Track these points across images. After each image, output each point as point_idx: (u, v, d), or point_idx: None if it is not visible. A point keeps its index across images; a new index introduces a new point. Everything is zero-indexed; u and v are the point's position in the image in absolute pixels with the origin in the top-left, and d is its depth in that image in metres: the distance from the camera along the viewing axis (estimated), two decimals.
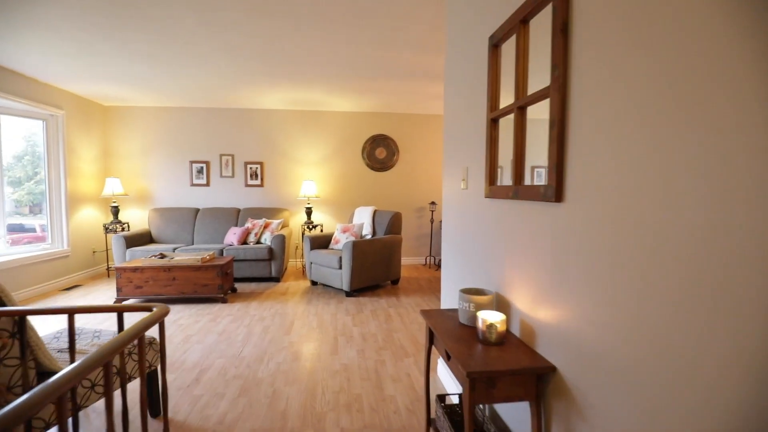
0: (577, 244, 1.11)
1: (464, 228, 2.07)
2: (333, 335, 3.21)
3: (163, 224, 5.45)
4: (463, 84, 2.10)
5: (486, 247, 1.76)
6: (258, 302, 4.14)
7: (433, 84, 4.57)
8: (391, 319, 3.64)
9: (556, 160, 1.17)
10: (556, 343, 1.22)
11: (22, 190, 4.70)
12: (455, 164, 2.24)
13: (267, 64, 3.91)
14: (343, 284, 4.36)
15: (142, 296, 3.98)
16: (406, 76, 4.27)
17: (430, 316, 1.72)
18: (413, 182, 6.27)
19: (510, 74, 1.55)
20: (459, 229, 2.16)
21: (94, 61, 3.82)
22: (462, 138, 2.11)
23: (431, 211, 6.10)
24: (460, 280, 2.15)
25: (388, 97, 5.23)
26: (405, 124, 6.18)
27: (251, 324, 3.46)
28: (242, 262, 4.91)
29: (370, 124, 6.12)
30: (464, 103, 2.08)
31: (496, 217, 1.66)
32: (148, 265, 3.96)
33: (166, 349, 2.91)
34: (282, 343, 3.04)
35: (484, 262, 1.79)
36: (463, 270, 2.09)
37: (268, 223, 5.33)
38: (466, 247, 2.03)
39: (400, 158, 6.22)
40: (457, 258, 2.21)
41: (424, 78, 4.35)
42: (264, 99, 5.34)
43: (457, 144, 2.19)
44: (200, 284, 4.03)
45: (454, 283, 2.27)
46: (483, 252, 1.80)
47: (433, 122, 6.22)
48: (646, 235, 0.85)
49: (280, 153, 5.97)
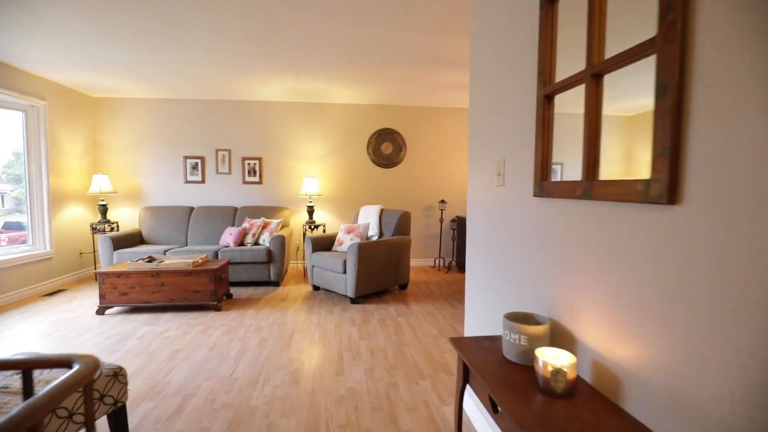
0: (702, 261, 0.74)
1: (499, 233, 1.70)
2: (337, 350, 2.86)
3: (155, 224, 5.10)
4: (498, 59, 1.73)
5: (535, 259, 1.39)
6: (255, 310, 3.78)
7: (448, 72, 4.19)
8: (401, 330, 3.28)
9: (670, 142, 0.80)
10: (661, 400, 0.85)
11: (22, 188, 4.40)
12: (485, 156, 1.87)
13: (264, 49, 3.54)
14: (347, 290, 4.00)
15: (128, 304, 3.63)
16: (418, 62, 3.89)
17: (463, 346, 1.36)
18: (421, 179, 5.90)
19: (570, 38, 1.18)
20: (491, 234, 1.80)
21: (73, 44, 3.45)
22: (496, 124, 1.74)
23: (441, 210, 5.73)
24: (494, 299, 1.79)
25: (395, 88, 4.86)
26: (413, 118, 5.80)
27: (246, 336, 3.10)
28: (239, 265, 4.55)
29: (376, 117, 5.75)
30: (499, 82, 1.71)
31: (551, 222, 1.29)
32: (134, 269, 3.61)
33: (149, 367, 2.56)
34: (280, 360, 2.69)
35: (531, 277, 1.43)
36: (498, 286, 1.72)
37: (267, 222, 4.97)
38: (503, 258, 1.67)
39: (407, 154, 5.84)
40: (488, 270, 1.85)
41: (437, 65, 3.97)
42: (262, 89, 4.97)
43: (489, 132, 1.83)
44: (191, 290, 3.68)
45: (484, 302, 1.90)
46: (530, 265, 1.43)
47: (443, 115, 5.84)
48: None
49: (280, 148, 5.61)
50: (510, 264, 1.59)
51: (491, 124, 1.80)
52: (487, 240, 1.85)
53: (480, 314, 1.95)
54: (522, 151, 1.50)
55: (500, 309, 1.69)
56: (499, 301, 1.70)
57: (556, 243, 1.26)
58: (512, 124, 1.58)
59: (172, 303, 3.66)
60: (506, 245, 1.62)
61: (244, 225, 4.93)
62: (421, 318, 3.61)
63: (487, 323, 1.84)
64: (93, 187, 4.87)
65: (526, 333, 1.19)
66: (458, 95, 5.18)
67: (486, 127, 1.86)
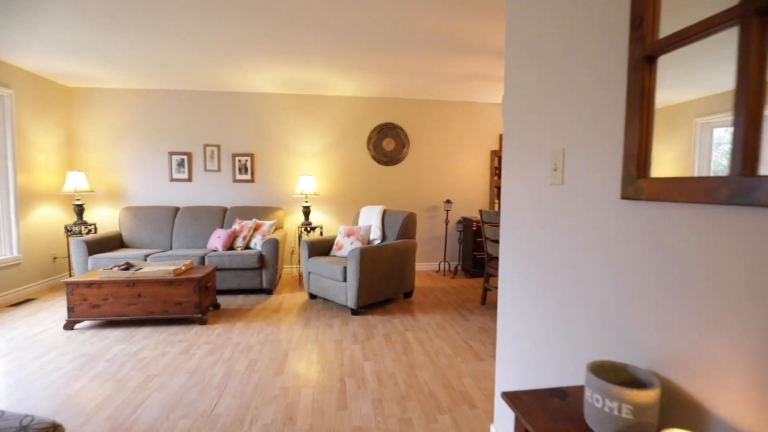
0: None
1: (555, 246, 1.32)
2: (339, 375, 2.47)
3: (137, 226, 4.67)
4: (552, 17, 1.35)
5: (629, 287, 1.01)
6: (244, 323, 3.38)
7: (457, 60, 3.80)
8: (410, 348, 2.90)
9: None
10: None
11: None
12: (530, 148, 1.49)
13: (255, 32, 3.13)
14: (348, 300, 3.61)
15: (100, 317, 3.21)
16: (425, 48, 3.50)
17: (524, 409, 0.97)
18: (425, 178, 5.52)
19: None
20: (541, 247, 1.41)
21: (43, 26, 3.02)
22: (549, 106, 1.36)
23: (446, 211, 5.35)
24: (546, 333, 1.41)
25: (398, 79, 4.46)
26: (416, 112, 5.41)
27: (233, 357, 2.70)
28: (227, 271, 4.14)
29: (377, 111, 5.35)
30: (555, 50, 1.32)
31: (657, 236, 0.91)
32: (107, 278, 3.19)
33: (114, 400, 2.15)
34: (272, 389, 2.29)
35: (613, 312, 1.04)
36: (553, 316, 1.34)
37: (259, 224, 4.56)
38: (561, 280, 1.28)
39: (410, 150, 5.45)
40: (534, 293, 1.46)
41: (446, 52, 3.58)
42: (254, 80, 4.55)
43: (537, 116, 1.44)
44: (172, 302, 3.27)
45: (528, 335, 1.52)
46: (611, 294, 1.05)
47: (449, 109, 5.45)
48: None
49: (274, 143, 5.19)
50: (574, 289, 1.21)
51: (540, 106, 1.41)
52: (532, 254, 1.47)
53: (521, 350, 1.56)
54: (593, 138, 1.12)
55: (557, 348, 1.31)
56: (554, 337, 1.32)
57: (668, 268, 0.88)
58: (576, 104, 1.20)
59: (151, 316, 3.25)
60: (566, 263, 1.24)
61: (234, 227, 4.52)
62: (431, 332, 3.22)
63: (534, 364, 1.46)
64: (67, 186, 4.43)
65: (632, 401, 0.80)
66: (467, 87, 4.80)
67: (531, 110, 1.48)
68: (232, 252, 4.20)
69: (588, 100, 1.15)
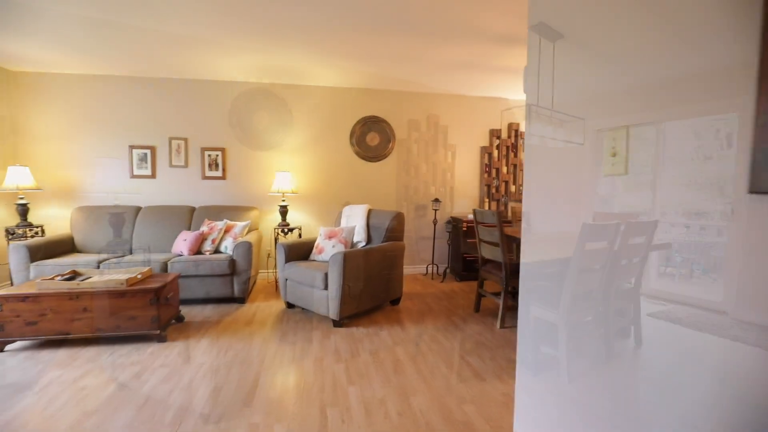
0: None
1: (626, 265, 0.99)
2: (319, 404, 2.09)
3: (91, 228, 4.16)
4: None
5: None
6: (210, 339, 2.96)
7: (452, 46, 3.47)
8: (401, 366, 2.55)
9: None
10: None
11: None
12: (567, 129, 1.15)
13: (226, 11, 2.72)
14: (329, 310, 3.23)
15: (37, 337, 2.73)
16: (417, 29, 3.15)
17: None
18: (412, 175, 5.18)
19: None
20: (588, 261, 1.08)
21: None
22: (602, 72, 1.03)
23: (434, 210, 5.03)
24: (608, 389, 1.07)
25: (384, 67, 4.10)
26: (403, 104, 5.06)
27: (194, 384, 2.29)
28: (194, 278, 3.70)
29: (361, 103, 4.98)
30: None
31: None
32: (45, 290, 2.72)
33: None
34: (237, 426, 1.90)
35: None
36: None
37: (231, 225, 4.13)
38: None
39: (396, 146, 5.10)
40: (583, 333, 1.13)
41: (440, 36, 3.24)
42: (225, 66, 4.11)
43: (576, 88, 1.11)
44: (125, 317, 2.82)
45: (579, 398, 1.18)
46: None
47: (438, 102, 5.13)
48: None
49: (248, 137, 4.75)
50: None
51: (586, 75, 1.08)
52: (581, 271, 1.14)
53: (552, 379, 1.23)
54: (675, 110, 0.79)
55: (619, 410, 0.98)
56: (607, 397, 0.99)
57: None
58: (644, 69, 0.87)
59: (99, 334, 2.79)
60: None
61: (202, 229, 4.07)
62: (424, 346, 2.88)
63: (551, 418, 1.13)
64: (8, 182, 3.89)
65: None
66: (456, 78, 4.48)
67: (567, 79, 1.14)
68: (200, 257, 3.75)
69: (667, 66, 0.82)
